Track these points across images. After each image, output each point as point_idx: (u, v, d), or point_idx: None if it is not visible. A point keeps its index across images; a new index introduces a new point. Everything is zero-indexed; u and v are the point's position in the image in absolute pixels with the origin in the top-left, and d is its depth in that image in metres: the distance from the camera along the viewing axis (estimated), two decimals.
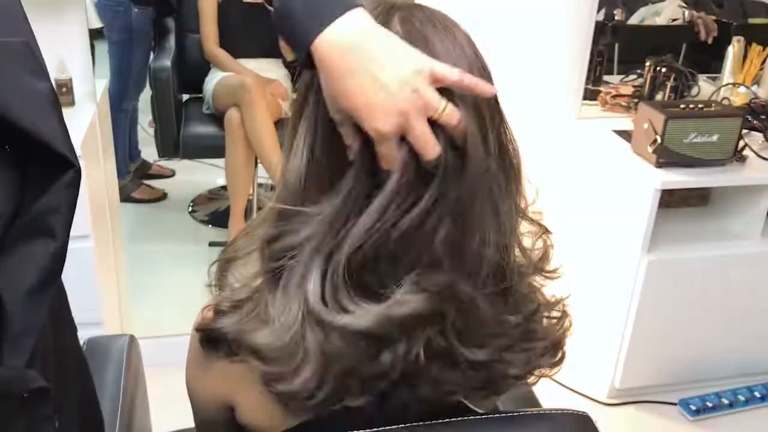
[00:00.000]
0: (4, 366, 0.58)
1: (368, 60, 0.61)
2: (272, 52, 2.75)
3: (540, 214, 0.73)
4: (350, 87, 0.61)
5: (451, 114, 0.61)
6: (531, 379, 0.74)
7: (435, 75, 0.61)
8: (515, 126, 0.70)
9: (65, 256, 0.63)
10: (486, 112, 0.65)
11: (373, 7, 0.67)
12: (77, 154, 0.64)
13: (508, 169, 0.68)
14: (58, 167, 0.62)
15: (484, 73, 0.66)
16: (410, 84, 0.60)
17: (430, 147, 0.61)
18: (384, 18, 0.65)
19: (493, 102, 0.66)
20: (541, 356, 0.71)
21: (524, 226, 0.72)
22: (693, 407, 2.03)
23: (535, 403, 1.03)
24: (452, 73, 0.62)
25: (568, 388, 2.12)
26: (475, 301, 0.65)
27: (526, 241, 0.72)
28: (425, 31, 0.65)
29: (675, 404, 2.07)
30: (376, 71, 0.60)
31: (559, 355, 0.73)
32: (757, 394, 2.09)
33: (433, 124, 0.61)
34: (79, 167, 0.63)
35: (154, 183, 3.13)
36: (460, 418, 0.70)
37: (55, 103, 0.63)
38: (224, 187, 3.07)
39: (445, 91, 0.62)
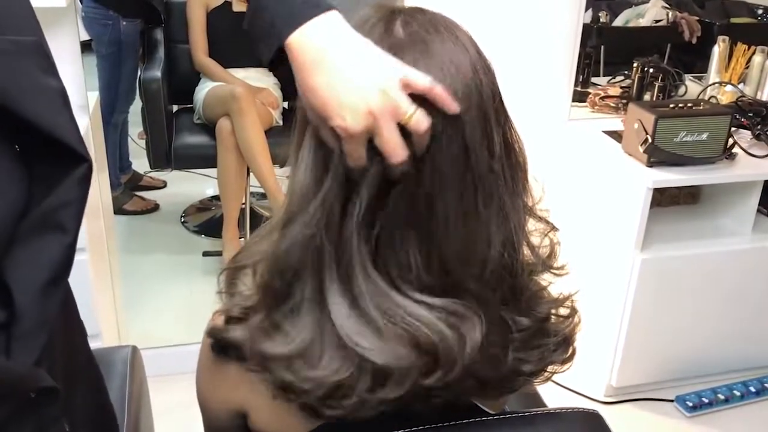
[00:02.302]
0: (13, 363, 0.57)
1: (341, 58, 0.61)
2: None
3: (547, 212, 0.74)
4: (321, 82, 0.61)
5: (419, 120, 0.61)
6: (542, 376, 0.74)
7: (406, 80, 0.61)
8: None
9: (75, 251, 0.62)
10: (491, 112, 0.65)
11: (375, 11, 0.67)
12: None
13: (514, 168, 0.68)
14: (70, 162, 0.63)
15: (489, 73, 0.66)
16: (381, 85, 0.60)
17: (397, 151, 0.61)
18: (386, 22, 0.66)
19: (498, 101, 0.67)
20: (554, 352, 0.72)
21: (530, 224, 0.73)
22: (689, 403, 2.05)
23: (540, 402, 1.03)
24: (423, 80, 0.61)
25: (565, 387, 2.13)
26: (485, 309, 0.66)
27: (533, 240, 0.73)
28: (427, 33, 0.65)
29: (672, 401, 2.09)
30: (349, 70, 0.61)
31: (570, 351, 0.74)
32: (752, 389, 2.11)
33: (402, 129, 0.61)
34: (91, 161, 0.64)
35: (145, 194, 3.12)
36: (474, 420, 0.70)
37: (66, 101, 0.64)
38: (215, 197, 3.07)
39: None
